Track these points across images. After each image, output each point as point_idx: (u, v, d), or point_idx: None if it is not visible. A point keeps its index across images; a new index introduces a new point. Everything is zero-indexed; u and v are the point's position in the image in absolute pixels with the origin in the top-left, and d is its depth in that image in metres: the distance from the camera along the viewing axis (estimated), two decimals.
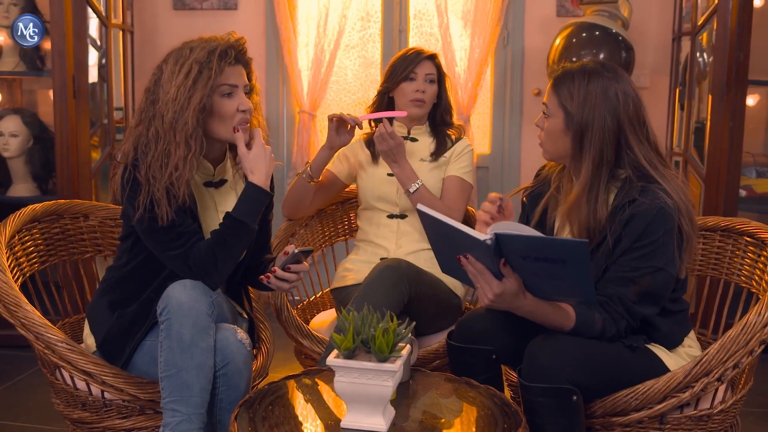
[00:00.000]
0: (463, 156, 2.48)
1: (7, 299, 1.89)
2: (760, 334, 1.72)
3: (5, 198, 3.45)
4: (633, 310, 1.75)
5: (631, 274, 1.73)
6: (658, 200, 1.72)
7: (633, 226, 1.73)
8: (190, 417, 1.74)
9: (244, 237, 1.87)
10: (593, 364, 1.73)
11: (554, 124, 1.82)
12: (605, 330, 1.74)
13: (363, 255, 2.49)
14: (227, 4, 4.00)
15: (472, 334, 1.89)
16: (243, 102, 1.90)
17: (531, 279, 1.65)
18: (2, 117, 3.41)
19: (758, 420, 2.69)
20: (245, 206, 1.87)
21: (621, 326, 1.75)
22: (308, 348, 2.30)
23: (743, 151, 3.29)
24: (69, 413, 1.98)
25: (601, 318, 1.74)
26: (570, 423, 1.70)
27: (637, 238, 1.72)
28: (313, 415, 1.69)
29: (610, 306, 1.74)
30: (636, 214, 1.73)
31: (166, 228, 1.82)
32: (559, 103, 1.80)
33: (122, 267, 1.99)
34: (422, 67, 2.44)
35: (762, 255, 2.03)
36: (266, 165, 1.89)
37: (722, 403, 1.81)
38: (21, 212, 2.15)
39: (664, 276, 1.74)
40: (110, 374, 1.86)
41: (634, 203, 1.74)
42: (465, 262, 1.64)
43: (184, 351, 1.74)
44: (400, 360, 1.53)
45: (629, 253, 1.74)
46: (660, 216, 1.72)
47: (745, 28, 3.13)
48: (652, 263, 1.73)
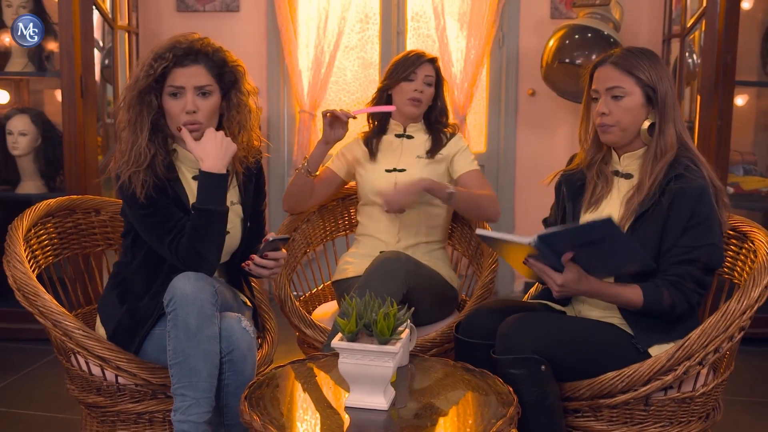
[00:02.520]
0: (464, 151, 2.59)
1: (26, 289, 1.98)
2: (738, 321, 1.82)
3: (14, 195, 3.56)
4: (702, 281, 1.91)
5: (692, 254, 1.89)
6: (701, 180, 1.90)
7: (681, 203, 1.88)
8: (199, 401, 1.83)
9: (216, 222, 1.95)
10: (565, 340, 1.88)
11: (632, 100, 1.96)
12: (675, 305, 1.89)
13: (363, 248, 2.59)
14: (229, 7, 4.09)
15: (478, 330, 1.98)
16: (188, 104, 1.96)
17: (589, 263, 1.87)
18: (11, 116, 3.51)
19: (744, 409, 2.79)
20: (204, 194, 1.94)
21: (693, 301, 1.90)
22: (311, 337, 2.40)
23: (731, 149, 3.39)
24: (84, 398, 2.07)
25: (670, 295, 1.88)
26: (542, 391, 1.82)
27: (690, 217, 1.88)
28: (317, 396, 1.79)
29: (682, 284, 1.88)
30: (684, 189, 1.88)
31: (150, 214, 1.95)
32: (635, 80, 1.95)
33: (128, 263, 2.09)
34: (422, 69, 2.55)
35: (743, 247, 2.13)
36: (216, 150, 1.95)
37: (704, 386, 1.91)
38: (36, 207, 2.25)
39: (717, 252, 1.92)
40: (124, 360, 1.95)
41: (682, 178, 1.90)
42: (530, 264, 1.89)
43: (190, 339, 1.83)
44: (400, 342, 1.63)
45: (685, 233, 1.89)
46: (705, 195, 1.89)
47: (732, 30, 3.23)
48: (706, 240, 1.89)
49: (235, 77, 2.05)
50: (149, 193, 1.95)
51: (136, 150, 1.96)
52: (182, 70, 1.96)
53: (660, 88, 1.95)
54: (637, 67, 1.96)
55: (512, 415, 1.63)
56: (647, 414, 1.88)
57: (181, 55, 1.95)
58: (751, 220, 2.14)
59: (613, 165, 2.07)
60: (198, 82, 1.97)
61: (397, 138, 2.62)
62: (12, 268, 2.02)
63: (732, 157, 3.47)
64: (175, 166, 2.05)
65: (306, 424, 1.64)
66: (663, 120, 1.96)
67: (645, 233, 1.92)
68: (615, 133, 1.99)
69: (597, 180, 2.06)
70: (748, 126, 3.92)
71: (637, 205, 1.94)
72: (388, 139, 2.62)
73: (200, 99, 1.98)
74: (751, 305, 1.83)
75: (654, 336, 1.92)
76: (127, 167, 1.96)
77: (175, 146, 2.07)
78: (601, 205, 2.04)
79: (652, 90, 1.95)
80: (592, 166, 2.08)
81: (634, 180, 2.00)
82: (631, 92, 1.96)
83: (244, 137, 2.08)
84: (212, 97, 2.01)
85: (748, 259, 2.07)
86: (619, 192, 2.02)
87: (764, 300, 1.87)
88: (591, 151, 2.09)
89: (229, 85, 2.04)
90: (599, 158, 2.08)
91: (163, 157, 2.00)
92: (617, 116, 1.97)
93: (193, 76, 1.97)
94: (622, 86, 1.96)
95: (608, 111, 1.97)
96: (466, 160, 2.59)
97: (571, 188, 2.11)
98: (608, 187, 2.05)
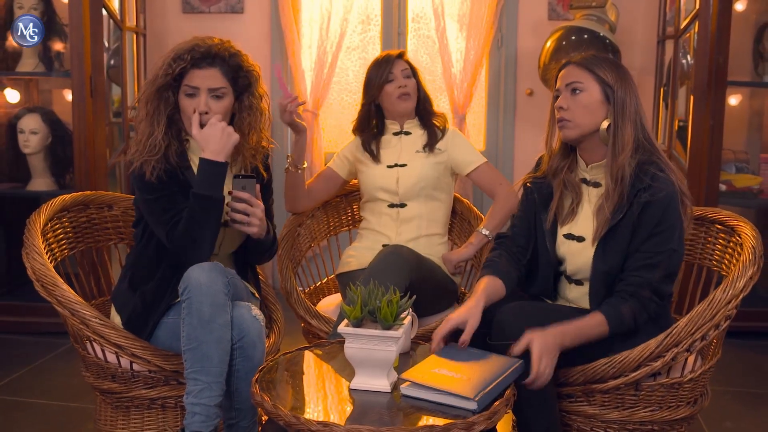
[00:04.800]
0: (464, 146, 2.69)
1: (45, 279, 2.07)
2: (724, 310, 1.91)
3: (25, 192, 3.64)
4: (660, 290, 1.93)
5: (653, 260, 1.92)
6: (668, 186, 1.92)
7: (651, 213, 1.91)
8: (211, 385, 1.91)
9: (212, 210, 2.02)
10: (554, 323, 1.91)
11: (590, 96, 1.99)
12: (636, 317, 1.92)
13: (366, 242, 2.68)
14: (234, 8, 4.17)
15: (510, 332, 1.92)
16: (201, 104, 2.07)
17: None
18: (22, 115, 3.59)
19: (734, 399, 2.88)
20: (202, 181, 2.03)
21: (650, 309, 1.93)
22: (316, 327, 2.50)
23: (724, 148, 3.46)
24: (99, 384, 2.16)
25: (630, 308, 1.91)
26: None
27: (656, 224, 1.92)
28: (324, 379, 1.89)
29: (639, 294, 1.92)
30: (652, 202, 1.91)
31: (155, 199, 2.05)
32: (595, 78, 1.99)
33: (138, 251, 2.19)
34: (396, 66, 2.64)
35: (731, 241, 2.21)
36: (217, 140, 2.03)
37: (692, 372, 2.00)
38: (52, 202, 2.34)
39: (678, 256, 1.96)
40: (139, 347, 2.05)
41: (649, 190, 1.92)
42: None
43: (204, 326, 1.91)
44: (402, 328, 1.72)
45: (650, 239, 1.92)
46: (673, 203, 1.92)
47: (725, 32, 3.29)
48: (669, 246, 1.92)
49: (249, 81, 2.15)
50: (160, 175, 2.06)
51: (152, 141, 2.07)
52: (199, 71, 2.06)
53: (618, 89, 1.97)
54: (597, 66, 2.00)
55: (509, 396, 1.72)
56: (638, 399, 1.97)
57: (198, 58, 2.06)
58: (739, 216, 2.21)
59: (581, 173, 2.08)
60: (212, 84, 2.08)
61: (395, 136, 2.71)
62: (31, 259, 2.11)
63: (725, 156, 3.54)
64: (187, 155, 2.16)
65: (313, 405, 1.73)
66: (620, 118, 1.97)
67: (615, 245, 1.96)
68: (572, 129, 2.01)
69: (565, 190, 2.09)
70: (741, 125, 3.98)
71: (609, 214, 1.97)
72: (387, 139, 2.72)
73: (213, 101, 2.08)
74: (737, 295, 1.92)
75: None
76: (140, 156, 2.07)
77: (188, 137, 2.17)
78: (576, 220, 2.07)
79: (610, 89, 1.98)
80: (557, 174, 2.10)
81: (602, 189, 2.03)
82: (589, 88, 1.99)
83: (253, 138, 2.18)
84: (225, 99, 2.11)
85: (735, 252, 2.15)
86: (590, 204, 2.05)
87: (749, 290, 1.96)
88: (557, 157, 2.11)
89: (242, 88, 2.14)
90: (565, 165, 2.10)
91: (177, 147, 2.12)
92: (574, 111, 2.00)
93: (207, 78, 2.07)
94: (581, 81, 2.00)
95: (566, 106, 2.01)
96: (470, 155, 2.68)
97: (541, 196, 2.13)
98: (578, 198, 2.08)
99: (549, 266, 2.10)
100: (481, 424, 1.59)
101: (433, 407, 1.65)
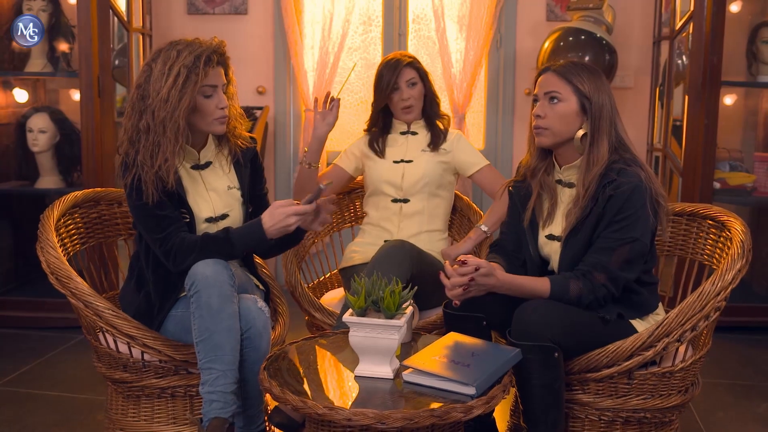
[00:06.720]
0: (467, 148, 2.79)
1: (60, 272, 2.15)
2: (713, 302, 1.99)
3: (33, 190, 3.71)
4: (615, 275, 1.99)
5: (613, 244, 1.99)
6: (633, 178, 1.98)
7: (613, 203, 1.98)
8: (225, 373, 1.97)
9: (224, 253, 2.07)
10: (576, 328, 1.98)
11: (567, 106, 2.06)
12: (581, 298, 1.98)
13: (368, 238, 2.76)
14: (238, 9, 4.24)
15: (466, 303, 2.10)
16: (221, 101, 2.15)
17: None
18: (30, 115, 3.66)
19: (727, 391, 2.95)
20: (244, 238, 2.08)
21: (599, 294, 1.99)
22: (320, 320, 2.57)
23: (718, 146, 3.52)
24: (110, 374, 2.24)
25: (578, 286, 1.98)
26: (553, 376, 1.94)
27: (617, 212, 1.98)
28: (329, 366, 1.97)
29: (592, 275, 1.99)
30: (615, 194, 1.98)
31: (152, 208, 2.07)
32: (573, 89, 2.06)
33: (139, 253, 2.25)
34: (402, 76, 2.72)
35: (721, 236, 2.29)
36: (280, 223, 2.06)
37: (683, 362, 2.07)
38: (64, 198, 2.41)
39: (640, 246, 2.00)
40: (150, 337, 2.12)
41: (613, 183, 1.99)
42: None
43: (213, 317, 1.98)
44: (404, 317, 1.80)
45: (610, 226, 1.99)
46: (636, 192, 1.98)
47: (719, 33, 3.36)
48: (630, 234, 1.98)
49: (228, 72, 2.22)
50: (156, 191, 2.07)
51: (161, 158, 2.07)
52: (214, 71, 2.13)
53: (595, 100, 2.03)
54: (575, 77, 2.06)
55: (506, 383, 1.80)
56: (630, 387, 2.04)
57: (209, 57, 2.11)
58: (730, 212, 2.29)
59: (556, 174, 2.16)
60: (223, 79, 2.17)
61: (402, 135, 2.80)
62: (46, 253, 2.18)
63: (719, 154, 3.59)
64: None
65: (320, 390, 1.81)
66: (596, 131, 2.04)
67: (581, 237, 2.04)
68: (547, 137, 2.09)
69: (541, 191, 2.17)
70: (736, 125, 4.04)
71: (574, 218, 2.05)
72: (394, 137, 2.81)
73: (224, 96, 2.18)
74: (725, 287, 2.00)
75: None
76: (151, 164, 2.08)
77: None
78: (554, 221, 2.15)
79: (587, 100, 2.04)
80: (535, 175, 2.18)
81: (575, 190, 2.09)
82: (567, 99, 2.06)
83: (238, 122, 2.27)
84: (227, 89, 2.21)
85: (726, 246, 2.23)
86: (564, 205, 2.13)
87: (737, 282, 2.04)
88: (535, 159, 2.18)
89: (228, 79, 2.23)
90: (542, 167, 2.17)
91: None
92: (551, 120, 2.08)
93: (220, 75, 2.15)
94: (559, 91, 2.07)
95: (543, 114, 2.09)
96: (474, 157, 2.78)
97: (520, 198, 2.21)
98: (554, 199, 2.16)
99: (535, 266, 2.19)
100: (479, 408, 1.66)
101: (434, 392, 1.73)
